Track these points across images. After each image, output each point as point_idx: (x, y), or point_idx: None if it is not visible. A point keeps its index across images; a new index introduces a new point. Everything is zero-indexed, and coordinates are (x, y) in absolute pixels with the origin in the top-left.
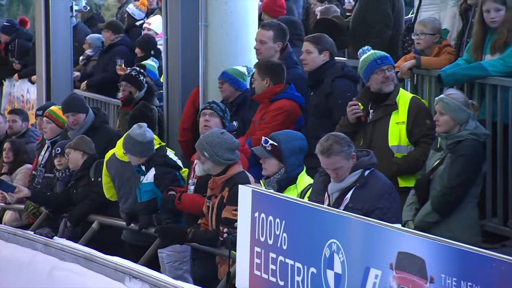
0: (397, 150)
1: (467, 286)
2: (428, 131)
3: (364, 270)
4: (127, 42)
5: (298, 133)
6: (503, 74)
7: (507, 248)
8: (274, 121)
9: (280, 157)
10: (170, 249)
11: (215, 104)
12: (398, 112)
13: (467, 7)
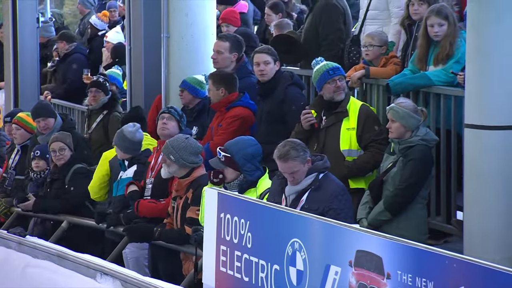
0: (348, 154)
1: (421, 282)
2: (377, 136)
3: (325, 267)
4: (82, 50)
5: (250, 139)
6: (446, 84)
7: (449, 244)
8: (231, 128)
9: (234, 166)
10: (133, 246)
11: (173, 109)
12: (349, 118)
13: (410, 22)
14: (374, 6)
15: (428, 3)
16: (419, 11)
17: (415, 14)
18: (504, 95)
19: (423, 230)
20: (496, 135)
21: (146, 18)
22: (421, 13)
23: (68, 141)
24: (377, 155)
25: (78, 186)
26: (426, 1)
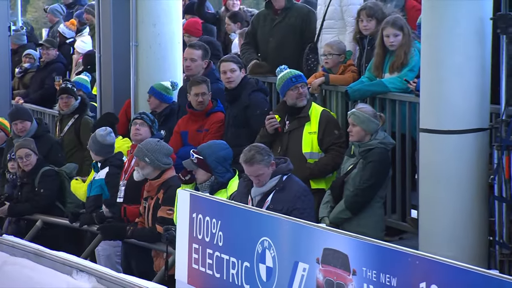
0: (309, 157)
1: (385, 278)
2: (336, 140)
3: (293, 264)
4: (62, 59)
5: (222, 143)
6: (401, 91)
7: (404, 241)
8: (221, 131)
9: (207, 168)
10: (105, 243)
11: (145, 115)
12: (311, 123)
13: (361, 36)
14: (330, 16)
15: (376, 19)
16: (368, 26)
17: (365, 30)
18: (457, 101)
19: (381, 227)
20: (450, 139)
21: (115, 27)
22: (371, 28)
23: (32, 146)
24: (336, 158)
25: (47, 187)
26: (374, 17)
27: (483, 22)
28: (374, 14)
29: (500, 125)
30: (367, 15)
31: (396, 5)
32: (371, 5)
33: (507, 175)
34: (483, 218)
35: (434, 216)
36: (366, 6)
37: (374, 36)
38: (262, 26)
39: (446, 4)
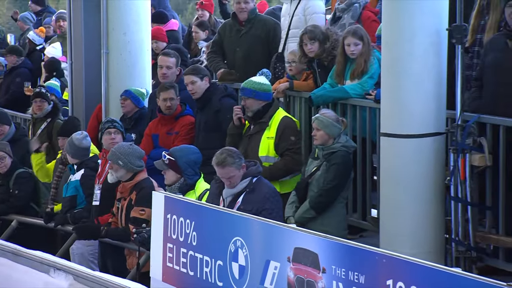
0: (265, 160)
1: (354, 276)
2: (291, 146)
3: (265, 262)
4: (28, 65)
5: (193, 148)
6: (361, 96)
7: (365, 238)
8: (191, 134)
9: (177, 170)
10: (79, 242)
11: (116, 123)
12: (270, 128)
13: (310, 59)
14: (294, 25)
15: (318, 41)
16: (312, 49)
17: (310, 52)
18: (415, 107)
19: (343, 226)
20: (409, 143)
21: (87, 35)
22: (315, 50)
23: (7, 149)
24: (289, 163)
25: (22, 189)
26: (316, 39)
27: (440, 33)
28: (315, 36)
29: (456, 130)
30: (310, 38)
31: (352, 16)
32: (311, 29)
33: (463, 176)
34: (440, 217)
35: (394, 215)
36: (306, 30)
37: (321, 58)
38: (229, 36)
39: (405, 16)
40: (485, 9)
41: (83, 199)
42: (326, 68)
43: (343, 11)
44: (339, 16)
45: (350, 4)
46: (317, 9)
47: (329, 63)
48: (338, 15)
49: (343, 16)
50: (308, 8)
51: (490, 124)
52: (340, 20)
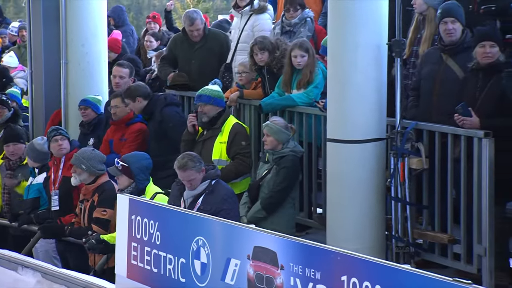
0: (218, 163)
1: (310, 272)
2: (242, 150)
3: (226, 260)
4: None
5: (145, 154)
6: (307, 105)
7: (311, 235)
8: (137, 140)
9: (130, 175)
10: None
11: (61, 130)
12: (222, 134)
13: (259, 67)
14: (243, 39)
15: (268, 51)
16: (262, 58)
17: (261, 62)
18: (359, 115)
19: (292, 224)
20: (353, 148)
21: (46, 46)
22: (265, 59)
23: None
24: (239, 166)
25: None
26: (266, 49)
27: (380, 47)
28: (265, 46)
29: (396, 136)
30: (260, 49)
31: (309, 29)
32: (261, 40)
33: (402, 178)
34: (381, 215)
35: (339, 214)
36: (256, 41)
37: (270, 65)
38: (182, 49)
39: (348, 31)
40: (421, 23)
41: (46, 200)
42: (275, 75)
43: (296, 26)
44: (289, 30)
45: (303, 18)
46: (265, 27)
47: (278, 71)
48: (289, 29)
49: (298, 29)
50: (256, 26)
51: (427, 131)
52: (296, 34)
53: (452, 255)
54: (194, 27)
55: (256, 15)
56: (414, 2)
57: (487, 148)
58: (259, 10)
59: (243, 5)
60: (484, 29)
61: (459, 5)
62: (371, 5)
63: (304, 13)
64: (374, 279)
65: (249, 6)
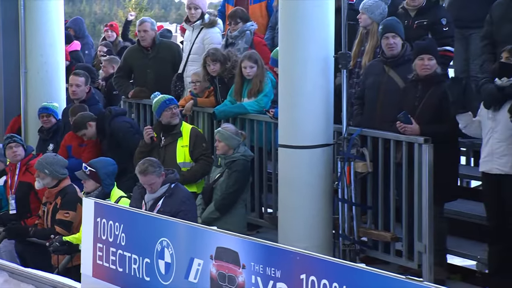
0: (183, 166)
1: (271, 271)
2: (204, 151)
3: (189, 260)
4: None
5: (111, 160)
6: (258, 112)
7: (262, 234)
8: (98, 145)
9: (97, 180)
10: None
11: (15, 137)
12: (183, 138)
13: (212, 76)
14: (194, 51)
15: (219, 62)
16: (214, 69)
17: (213, 72)
18: (308, 122)
19: (243, 224)
20: (302, 153)
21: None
22: (217, 70)
23: None
24: (205, 166)
25: None
26: (218, 60)
27: (328, 59)
28: (217, 58)
29: (343, 141)
30: (212, 60)
31: (246, 41)
32: (213, 52)
33: (348, 181)
34: (329, 216)
35: (290, 215)
36: (209, 53)
37: (222, 75)
38: (137, 59)
39: (298, 46)
40: (365, 37)
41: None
42: (226, 84)
43: (236, 38)
44: (231, 42)
45: (243, 31)
46: (215, 40)
47: (229, 80)
48: (231, 41)
49: (237, 41)
50: (207, 39)
51: (371, 137)
52: (235, 45)
53: (394, 252)
54: (142, 27)
55: (207, 29)
56: (360, 17)
57: (426, 153)
58: (209, 24)
59: (194, 20)
60: (423, 43)
61: (398, 21)
62: (319, 21)
63: (245, 26)
64: (332, 277)
65: (200, 20)
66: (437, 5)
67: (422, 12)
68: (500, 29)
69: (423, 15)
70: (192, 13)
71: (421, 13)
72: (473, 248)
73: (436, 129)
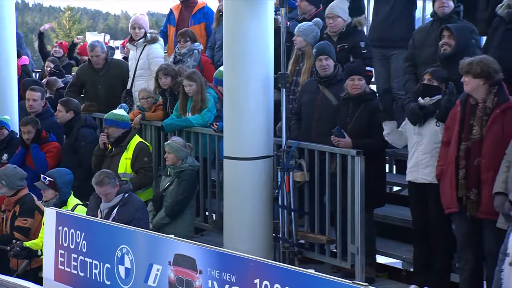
0: (123, 176)
1: (227, 276)
2: (144, 165)
3: (148, 265)
4: None
5: (67, 170)
6: (202, 126)
7: (206, 237)
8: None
9: (55, 188)
10: None
11: None
12: (128, 151)
13: (162, 89)
14: (140, 67)
15: (171, 76)
16: (166, 82)
17: (164, 85)
18: (251, 136)
19: (191, 228)
20: (246, 164)
21: None
22: (168, 83)
23: None
24: (142, 179)
25: None
26: (169, 75)
27: (268, 79)
28: (169, 72)
29: (282, 153)
30: (164, 74)
31: (194, 59)
32: (165, 66)
33: (287, 189)
34: (270, 220)
35: (234, 219)
36: (161, 67)
37: (172, 88)
38: (89, 76)
39: (241, 65)
40: (300, 57)
41: None
42: (175, 97)
43: (185, 55)
44: (180, 59)
45: (191, 50)
46: (158, 54)
47: (178, 93)
48: (179, 58)
49: (186, 59)
50: (150, 54)
51: (308, 149)
52: (184, 63)
53: (329, 253)
54: (94, 53)
55: (149, 45)
56: (295, 39)
57: (359, 164)
58: (152, 41)
59: (138, 38)
60: (353, 65)
61: (330, 45)
62: (261, 43)
63: (193, 46)
64: (283, 282)
65: (142, 38)
66: (356, 30)
67: (343, 37)
68: (421, 52)
69: (344, 39)
70: (136, 32)
71: (342, 37)
72: (399, 249)
73: (366, 142)
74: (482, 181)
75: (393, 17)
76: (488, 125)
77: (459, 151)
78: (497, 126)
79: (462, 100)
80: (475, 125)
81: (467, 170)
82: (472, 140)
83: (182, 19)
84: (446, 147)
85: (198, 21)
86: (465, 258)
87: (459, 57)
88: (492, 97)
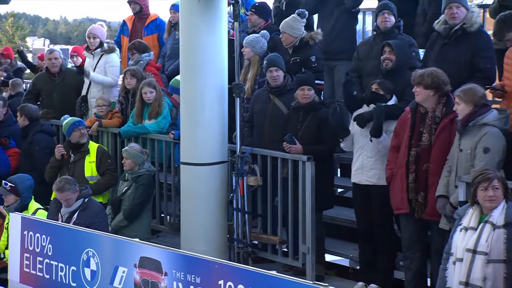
0: (90, 179)
1: (191, 277)
2: (109, 167)
3: (114, 268)
4: None
5: (28, 176)
6: (158, 132)
7: (162, 238)
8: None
9: (17, 193)
10: None
11: None
12: (90, 155)
13: (126, 90)
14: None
15: (136, 78)
16: (131, 83)
17: (129, 85)
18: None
19: (148, 230)
20: (202, 169)
21: None
22: (132, 84)
23: None
24: (110, 179)
25: None
26: (135, 77)
27: (223, 89)
28: (135, 74)
29: (237, 159)
30: (131, 75)
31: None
32: (134, 68)
33: (241, 193)
34: (224, 222)
35: (191, 221)
36: (130, 69)
37: (135, 91)
38: (45, 84)
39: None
40: (248, 67)
41: None
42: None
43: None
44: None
45: (138, 61)
46: (114, 63)
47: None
48: None
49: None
50: (108, 62)
51: (261, 155)
52: None
53: (281, 253)
54: (53, 55)
55: (107, 54)
56: (243, 50)
57: (309, 169)
58: (109, 50)
59: (94, 48)
60: (303, 76)
61: (279, 56)
62: (216, 54)
63: (140, 57)
64: (246, 283)
65: (100, 48)
66: (308, 44)
67: (297, 51)
68: (366, 64)
69: (297, 53)
70: (91, 42)
71: (296, 51)
72: (346, 248)
73: (316, 149)
74: (429, 185)
75: (335, 32)
76: (437, 133)
77: (410, 156)
78: (445, 135)
79: (412, 108)
80: (425, 133)
81: (417, 174)
82: (421, 147)
83: (135, 30)
84: (395, 151)
85: (151, 32)
86: (411, 257)
87: (400, 71)
88: (441, 107)
